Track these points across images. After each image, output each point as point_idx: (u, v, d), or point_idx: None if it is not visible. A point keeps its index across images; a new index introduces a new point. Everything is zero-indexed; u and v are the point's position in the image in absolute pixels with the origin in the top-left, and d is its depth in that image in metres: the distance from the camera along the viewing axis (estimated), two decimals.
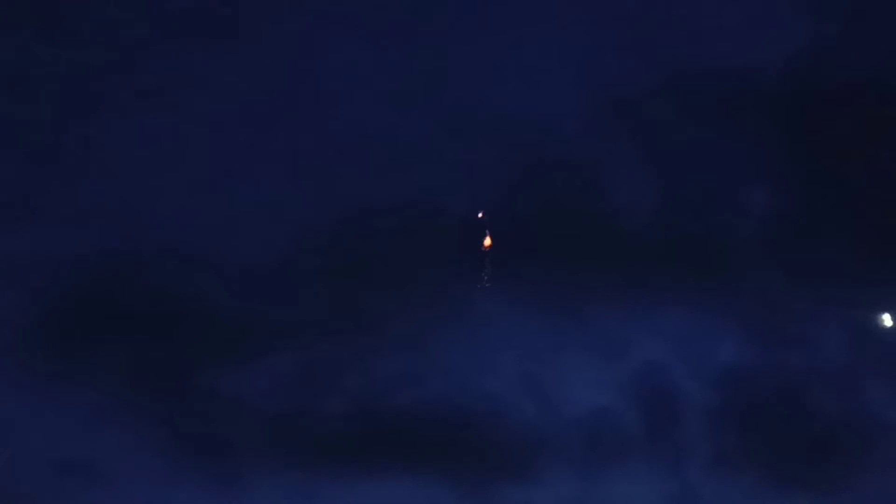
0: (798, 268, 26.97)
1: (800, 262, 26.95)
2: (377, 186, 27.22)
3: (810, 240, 27.03)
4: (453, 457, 26.82)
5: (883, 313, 26.85)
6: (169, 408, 25.92)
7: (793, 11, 27.45)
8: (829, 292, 26.87)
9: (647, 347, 27.56)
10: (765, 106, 27.32)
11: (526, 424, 27.12)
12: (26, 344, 25.16)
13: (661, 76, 27.44)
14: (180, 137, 26.59)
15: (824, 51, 27.41)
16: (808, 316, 27.14)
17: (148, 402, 25.34)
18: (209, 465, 25.50)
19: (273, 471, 25.74)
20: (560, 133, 27.38)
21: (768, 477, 26.77)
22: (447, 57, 27.20)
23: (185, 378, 26.28)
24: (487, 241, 25.87)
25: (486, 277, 25.96)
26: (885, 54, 27.49)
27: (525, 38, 27.43)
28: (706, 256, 27.33)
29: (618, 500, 26.93)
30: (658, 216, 27.56)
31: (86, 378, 25.16)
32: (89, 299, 25.73)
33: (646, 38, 27.70)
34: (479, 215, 25.61)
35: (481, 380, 27.13)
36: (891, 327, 26.63)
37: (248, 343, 26.72)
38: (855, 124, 27.20)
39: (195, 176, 26.70)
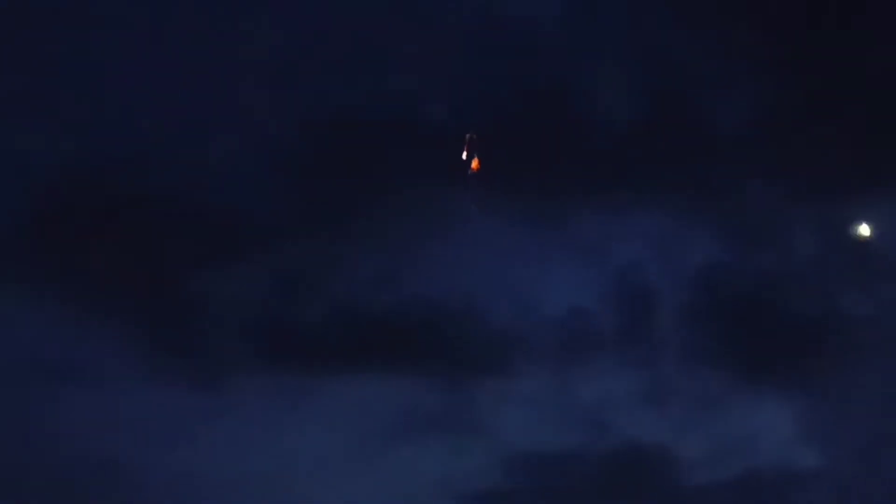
0: (775, 170, 27.09)
1: (777, 165, 27.05)
2: (352, 90, 27.30)
3: (788, 142, 27.03)
4: (432, 355, 27.66)
5: (857, 218, 27.09)
6: (148, 311, 26.64)
7: None
8: (805, 195, 27.07)
9: (623, 249, 28.02)
10: (742, 5, 26.91)
11: (503, 323, 27.87)
12: (2, 246, 25.70)
13: None
14: (152, 44, 26.57)
15: None
16: (784, 218, 27.43)
17: (127, 305, 26.04)
18: (188, 367, 26.38)
19: (253, 373, 26.66)
20: (537, 35, 27.18)
21: (738, 374, 27.56)
22: None
23: (165, 281, 26.92)
24: (475, 164, 25.89)
25: (473, 201, 26.17)
26: None
27: None
28: (683, 158, 27.45)
29: (591, 395, 27.84)
30: (635, 119, 27.57)
31: (64, 280, 25.79)
32: (66, 202, 26.16)
33: None
34: (466, 141, 25.53)
35: (459, 281, 27.74)
36: (865, 233, 26.86)
37: (228, 246, 27.26)
38: (837, 24, 26.80)
39: (168, 80, 26.76)
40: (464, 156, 25.14)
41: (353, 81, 27.69)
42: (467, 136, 24.80)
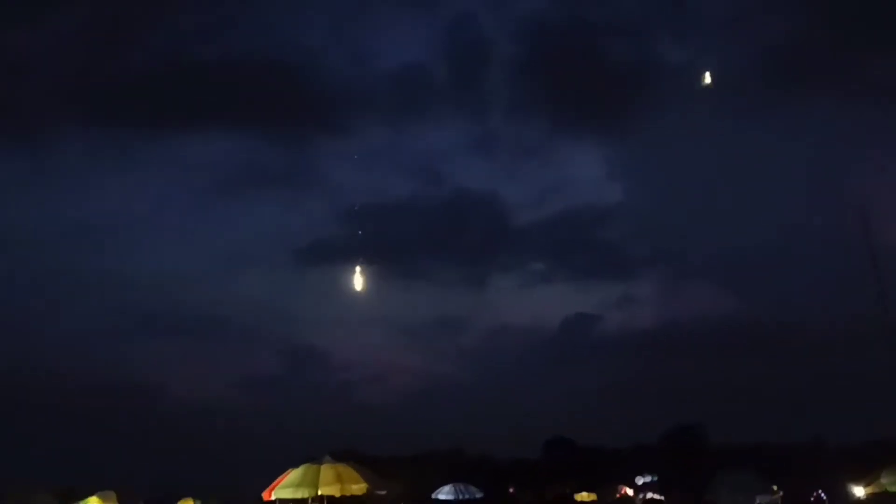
0: None
1: None
2: None
3: None
4: (266, 110, 27.43)
5: None
6: None
7: None
8: None
9: (455, 1, 28.00)
10: None
11: (339, 78, 27.69)
12: None
13: None
14: None
15: None
16: None
17: None
18: (6, 124, 24.85)
19: (75, 128, 25.39)
20: None
21: (560, 122, 29.24)
22: None
23: None
24: None
25: None
26: None
27: None
28: None
29: (426, 146, 28.85)
30: None
31: None
32: None
33: None
34: None
35: (292, 34, 27.08)
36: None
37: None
38: None
39: None
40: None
41: None
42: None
